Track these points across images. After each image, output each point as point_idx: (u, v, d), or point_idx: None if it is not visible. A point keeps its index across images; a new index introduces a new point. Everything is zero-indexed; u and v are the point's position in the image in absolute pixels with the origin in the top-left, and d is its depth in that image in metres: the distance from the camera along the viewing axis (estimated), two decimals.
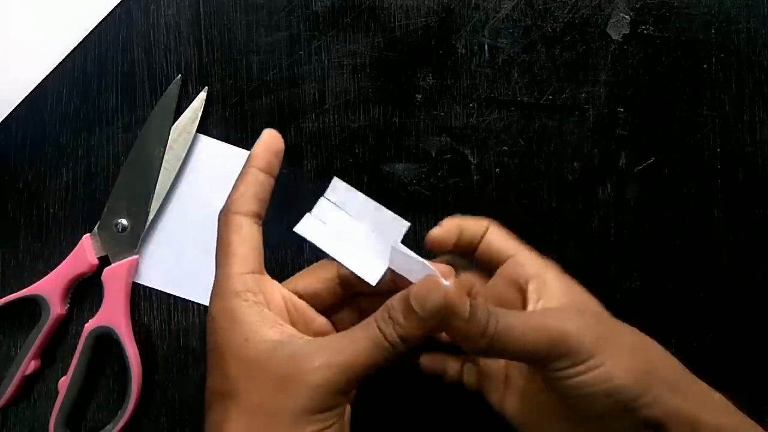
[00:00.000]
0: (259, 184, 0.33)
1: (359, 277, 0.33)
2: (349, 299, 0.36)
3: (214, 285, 0.32)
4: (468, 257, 0.37)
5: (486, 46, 0.45)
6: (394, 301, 0.29)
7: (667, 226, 0.44)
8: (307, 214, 0.35)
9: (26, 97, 0.46)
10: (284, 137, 0.45)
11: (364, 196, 0.35)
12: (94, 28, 0.46)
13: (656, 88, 0.45)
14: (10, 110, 0.46)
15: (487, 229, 0.36)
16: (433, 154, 0.45)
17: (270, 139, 0.34)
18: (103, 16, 0.46)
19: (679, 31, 0.45)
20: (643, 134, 0.44)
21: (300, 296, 0.34)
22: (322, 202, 0.35)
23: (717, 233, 0.44)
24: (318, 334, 0.33)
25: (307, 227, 0.35)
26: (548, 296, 0.33)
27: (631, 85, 0.45)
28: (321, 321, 0.35)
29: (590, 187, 0.44)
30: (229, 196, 0.33)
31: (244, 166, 0.33)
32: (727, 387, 0.43)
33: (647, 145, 0.44)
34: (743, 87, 0.44)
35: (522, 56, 0.45)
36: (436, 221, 0.44)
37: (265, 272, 0.33)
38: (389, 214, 0.35)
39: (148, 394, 0.44)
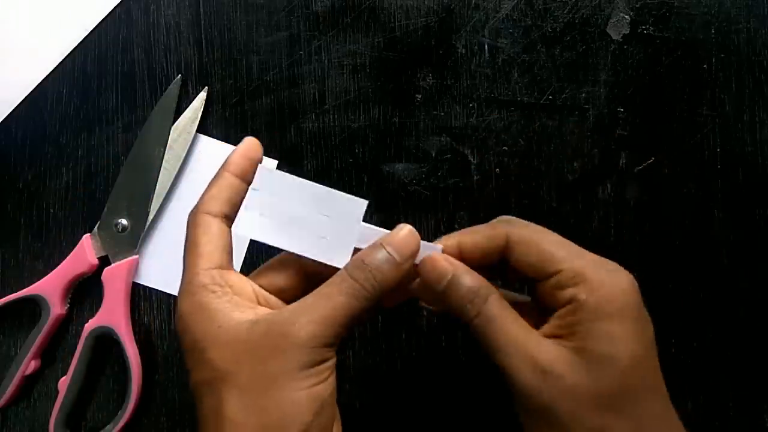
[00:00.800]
0: (232, 187, 0.33)
1: (326, 264, 0.32)
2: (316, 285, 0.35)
3: (180, 284, 0.32)
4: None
5: (486, 46, 0.45)
6: (364, 254, 0.31)
7: (667, 226, 0.44)
8: (242, 210, 0.31)
9: (26, 97, 0.46)
10: (284, 137, 0.45)
11: (303, 180, 0.32)
12: (94, 28, 0.46)
13: (656, 88, 0.45)
14: (10, 110, 0.46)
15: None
16: (433, 154, 0.45)
17: (247, 147, 0.34)
18: (103, 16, 0.46)
19: (679, 31, 0.45)
20: (643, 134, 0.44)
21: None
22: (252, 195, 0.32)
23: (717, 233, 0.44)
24: None
25: (248, 225, 0.31)
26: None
27: (631, 85, 0.45)
28: None
29: (590, 187, 0.44)
30: (201, 197, 0.33)
31: (219, 170, 0.34)
32: (728, 387, 0.43)
33: (647, 145, 0.44)
34: (743, 87, 0.44)
35: (522, 56, 0.45)
36: (436, 221, 0.45)
37: (233, 268, 0.33)
38: (343, 196, 0.32)
39: (148, 394, 0.44)
